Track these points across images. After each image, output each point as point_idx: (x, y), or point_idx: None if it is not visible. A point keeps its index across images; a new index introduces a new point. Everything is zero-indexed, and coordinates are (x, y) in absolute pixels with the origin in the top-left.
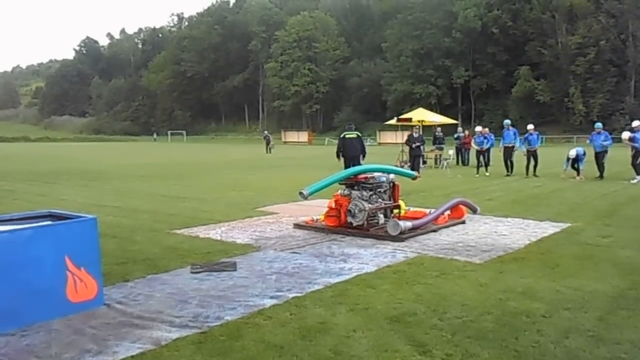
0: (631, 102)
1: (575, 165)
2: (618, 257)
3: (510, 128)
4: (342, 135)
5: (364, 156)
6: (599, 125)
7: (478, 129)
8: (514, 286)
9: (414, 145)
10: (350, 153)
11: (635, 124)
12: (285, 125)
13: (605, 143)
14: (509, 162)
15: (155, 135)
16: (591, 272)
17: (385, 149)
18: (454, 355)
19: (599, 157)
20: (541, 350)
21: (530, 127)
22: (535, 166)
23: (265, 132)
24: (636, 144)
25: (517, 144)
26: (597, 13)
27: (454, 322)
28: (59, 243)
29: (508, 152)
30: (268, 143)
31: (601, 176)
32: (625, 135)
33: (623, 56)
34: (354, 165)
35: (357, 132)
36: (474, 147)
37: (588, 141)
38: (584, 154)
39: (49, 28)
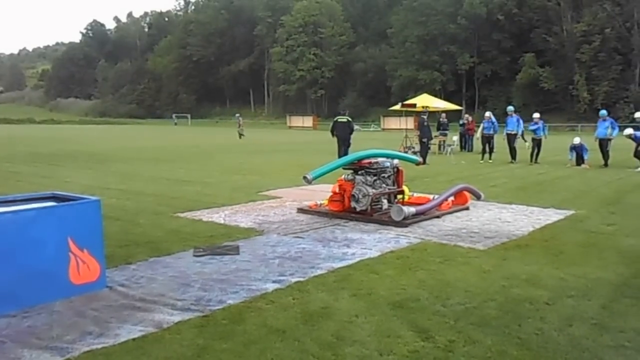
0: (636, 90)
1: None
2: (622, 245)
3: (514, 115)
4: (335, 119)
5: (350, 134)
6: (603, 112)
7: (487, 114)
8: (518, 273)
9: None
10: (339, 133)
11: (637, 115)
12: (290, 110)
13: (610, 132)
14: (512, 149)
15: (175, 119)
16: (595, 259)
17: (389, 135)
18: (457, 342)
19: (604, 144)
20: (544, 337)
21: (536, 115)
22: (537, 154)
23: (237, 115)
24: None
25: (520, 132)
26: (603, 1)
27: (457, 309)
28: (62, 224)
29: (511, 139)
30: (239, 126)
31: (606, 164)
32: (628, 131)
33: (628, 44)
34: (342, 144)
35: (347, 118)
36: (483, 133)
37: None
38: (586, 150)
39: (56, 11)
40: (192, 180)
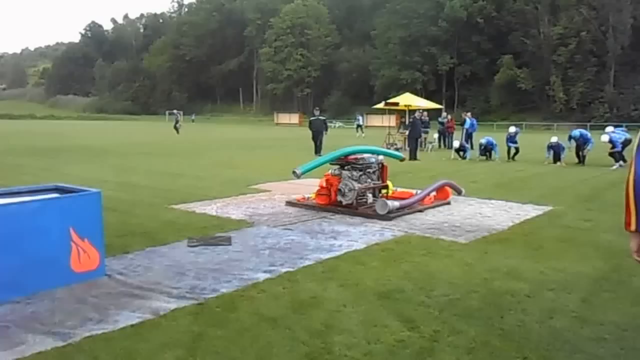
0: (610, 91)
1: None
2: (600, 241)
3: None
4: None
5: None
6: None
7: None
8: (499, 266)
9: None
10: (314, 128)
11: (608, 129)
12: (277, 107)
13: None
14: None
15: (193, 116)
16: (574, 254)
17: (371, 132)
18: (441, 332)
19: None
20: (526, 329)
21: (512, 129)
22: (515, 153)
23: (175, 110)
24: (616, 148)
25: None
26: (579, 5)
27: (441, 300)
28: (65, 215)
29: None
30: (176, 122)
31: (582, 162)
32: (605, 138)
33: (603, 47)
34: (318, 137)
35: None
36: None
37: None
38: (563, 148)
39: (56, 12)
40: (185, 173)
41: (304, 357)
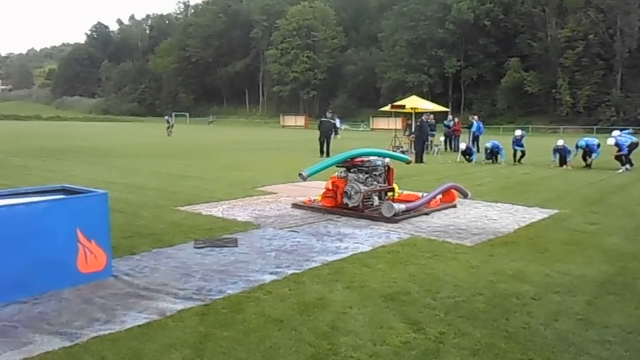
0: (617, 94)
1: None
2: (605, 244)
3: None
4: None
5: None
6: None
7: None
8: (504, 269)
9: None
10: (323, 129)
11: (615, 133)
12: (284, 109)
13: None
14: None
15: (211, 117)
16: (579, 257)
17: (378, 135)
18: (447, 334)
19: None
20: (531, 331)
21: (518, 132)
22: (521, 156)
23: (168, 115)
24: (623, 151)
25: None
26: (587, 8)
27: (446, 302)
28: (72, 216)
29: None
30: (169, 125)
31: (588, 165)
32: (611, 141)
33: (610, 50)
34: (326, 139)
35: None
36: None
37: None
38: (569, 151)
39: (62, 13)
40: (190, 175)
41: (310, 358)
